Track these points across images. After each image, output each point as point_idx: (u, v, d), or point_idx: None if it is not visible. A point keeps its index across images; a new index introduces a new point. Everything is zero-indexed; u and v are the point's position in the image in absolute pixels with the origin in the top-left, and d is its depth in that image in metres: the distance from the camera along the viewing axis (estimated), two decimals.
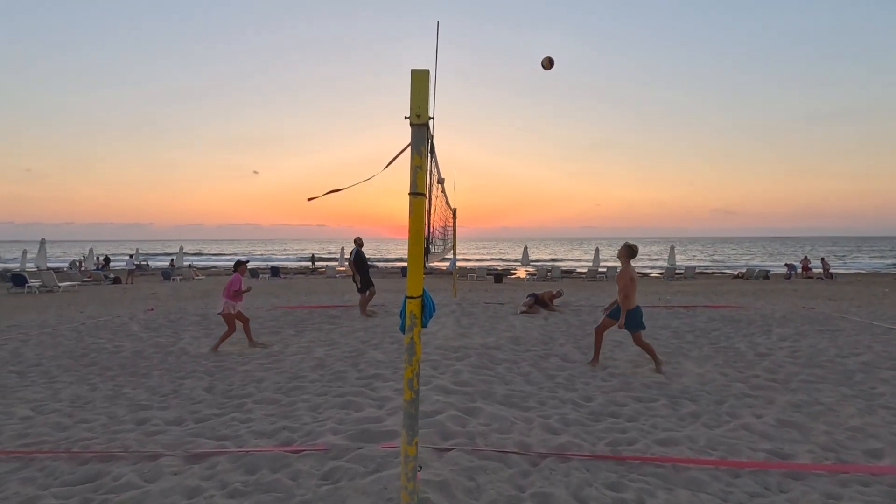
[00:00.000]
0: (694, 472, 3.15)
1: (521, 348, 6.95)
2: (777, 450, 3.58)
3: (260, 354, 6.81)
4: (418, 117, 2.45)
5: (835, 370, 5.87)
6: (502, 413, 4.16)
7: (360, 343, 7.36)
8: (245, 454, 3.35)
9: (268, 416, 4.29)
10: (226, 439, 3.74)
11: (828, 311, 10.71)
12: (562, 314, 10.17)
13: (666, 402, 4.67)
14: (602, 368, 5.94)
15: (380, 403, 4.47)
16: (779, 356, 6.53)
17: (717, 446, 3.60)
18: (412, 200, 2.46)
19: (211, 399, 4.91)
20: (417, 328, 2.48)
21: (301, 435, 3.76)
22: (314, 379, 5.49)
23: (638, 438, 3.71)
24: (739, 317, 9.78)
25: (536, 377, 5.48)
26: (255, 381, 5.51)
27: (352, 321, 9.46)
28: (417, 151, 2.46)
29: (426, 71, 2.46)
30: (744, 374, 5.74)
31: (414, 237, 2.47)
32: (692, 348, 7.04)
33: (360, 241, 9.95)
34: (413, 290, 2.48)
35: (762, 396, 4.90)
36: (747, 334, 8.07)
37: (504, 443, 3.53)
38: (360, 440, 3.56)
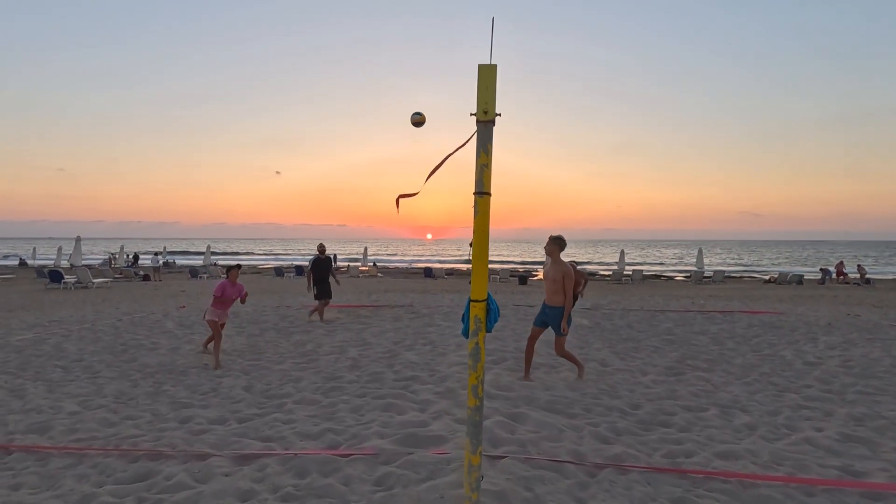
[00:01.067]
0: (762, 489, 2.98)
1: None
2: (847, 466, 3.38)
3: (295, 353, 6.81)
4: (485, 114, 2.36)
5: (893, 382, 5.58)
6: (549, 420, 4.04)
7: (393, 344, 7.31)
8: (294, 457, 3.31)
9: (310, 416, 4.26)
10: (271, 440, 3.71)
11: (875, 318, 10.25)
12: (593, 314, 9.96)
13: (717, 413, 4.48)
14: (643, 375, 5.76)
15: (422, 407, 4.40)
16: (830, 366, 6.24)
17: (783, 461, 3.42)
18: (478, 200, 2.37)
19: (251, 398, 4.90)
20: (482, 333, 2.39)
21: (346, 437, 3.71)
22: (351, 380, 5.45)
23: (695, 451, 3.55)
24: (781, 323, 9.43)
25: (577, 382, 5.34)
26: (292, 380, 5.50)
27: (381, 321, 9.44)
28: (484, 149, 2.37)
29: (494, 66, 2.37)
30: (795, 384, 5.49)
31: (479, 238, 2.38)
32: (735, 355, 6.79)
33: (321, 248, 9.59)
34: (478, 294, 2.39)
35: (819, 408, 4.67)
36: (791, 342, 7.76)
37: (556, 451, 3.41)
38: (409, 445, 3.48)
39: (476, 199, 2.38)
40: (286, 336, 8.10)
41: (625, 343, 7.55)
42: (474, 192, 2.39)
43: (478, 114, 2.37)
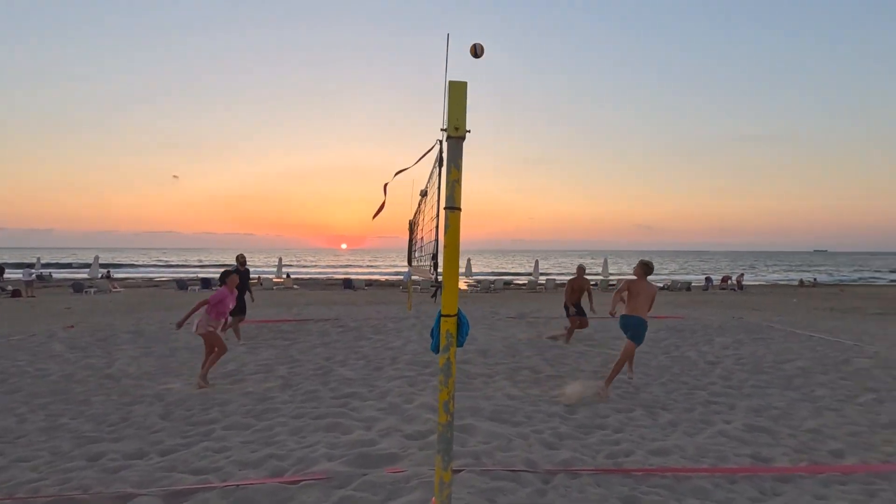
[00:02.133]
0: (695, 480, 3.27)
1: (491, 361, 6.96)
2: (757, 454, 3.81)
3: (215, 374, 6.28)
4: (456, 130, 2.38)
5: (777, 375, 6.40)
6: (497, 430, 4.11)
7: (324, 360, 7.02)
8: (236, 488, 3.04)
9: (245, 443, 3.95)
10: (205, 472, 3.38)
11: (756, 320, 11.73)
12: (518, 322, 10.31)
13: (643, 412, 4.84)
14: (574, 380, 6.07)
15: (367, 424, 4.27)
16: (727, 364, 7.02)
17: (706, 454, 3.78)
18: (449, 215, 2.37)
19: (171, 427, 4.44)
20: (454, 348, 2.38)
21: (291, 462, 3.49)
22: (285, 400, 5.15)
23: (632, 450, 3.81)
24: (682, 326, 10.44)
25: (514, 391, 5.49)
26: (217, 403, 5.06)
27: (307, 336, 9.03)
28: (455, 165, 2.39)
29: (464, 83, 2.40)
30: (701, 381, 6.10)
31: (451, 253, 2.38)
32: (650, 358, 7.39)
33: (241, 260, 8.85)
34: (448, 308, 2.38)
35: (724, 403, 5.22)
36: (693, 343, 8.61)
37: (510, 461, 3.48)
38: (361, 466, 3.36)
39: (447, 215, 2.38)
40: (202, 356, 7.43)
41: (552, 350, 7.91)
42: (445, 207, 2.39)
43: (448, 129, 2.38)
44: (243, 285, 8.68)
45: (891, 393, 5.59)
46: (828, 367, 6.80)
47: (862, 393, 5.61)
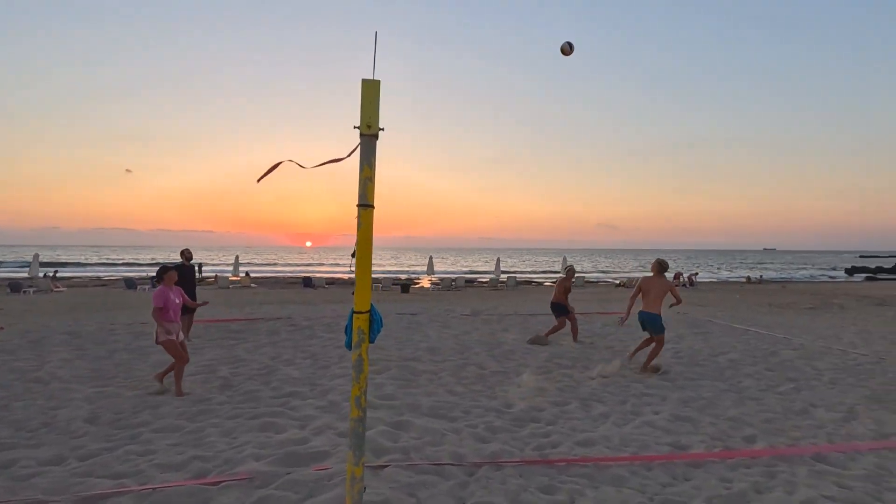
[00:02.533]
0: (614, 469, 3.41)
1: (439, 358, 7.02)
2: (677, 442, 4.01)
3: (151, 375, 6.07)
4: (369, 128, 2.40)
5: (710, 368, 6.73)
6: (432, 425, 4.16)
7: (270, 360, 6.91)
8: (152, 492, 2.97)
9: (172, 445, 3.85)
10: (124, 476, 3.28)
11: (698, 315, 12.26)
12: (473, 320, 10.42)
13: (578, 405, 5.00)
14: (517, 375, 6.20)
15: (302, 423, 4.24)
16: (665, 357, 7.32)
17: (630, 443, 3.94)
18: (361, 212, 2.40)
19: (96, 431, 4.27)
20: (366, 344, 2.41)
21: (217, 464, 3.42)
22: (222, 401, 5.04)
23: (561, 441, 3.93)
24: (629, 322, 10.78)
25: (458, 387, 5.56)
26: (150, 406, 4.90)
27: (256, 335, 8.85)
28: (368, 163, 2.41)
29: (377, 81, 2.43)
30: (639, 375, 6.34)
31: (363, 250, 2.40)
32: (593, 352, 7.63)
33: (187, 255, 8.51)
34: (361, 305, 2.40)
35: (657, 395, 5.46)
36: (636, 338, 8.92)
37: (439, 455, 3.53)
38: (287, 464, 3.34)
39: (359, 211, 2.40)
40: (142, 357, 7.19)
41: (501, 347, 8.04)
42: (357, 205, 2.41)
43: (361, 127, 2.40)
44: (191, 281, 8.40)
45: (808, 382, 5.98)
46: (756, 359, 7.19)
47: (783, 382, 5.97)
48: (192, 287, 8.40)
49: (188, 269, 8.43)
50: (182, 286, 8.27)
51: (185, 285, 8.30)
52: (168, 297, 5.49)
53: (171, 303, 5.50)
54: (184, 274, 8.32)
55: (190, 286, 8.34)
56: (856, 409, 4.94)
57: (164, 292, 5.52)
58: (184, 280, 8.31)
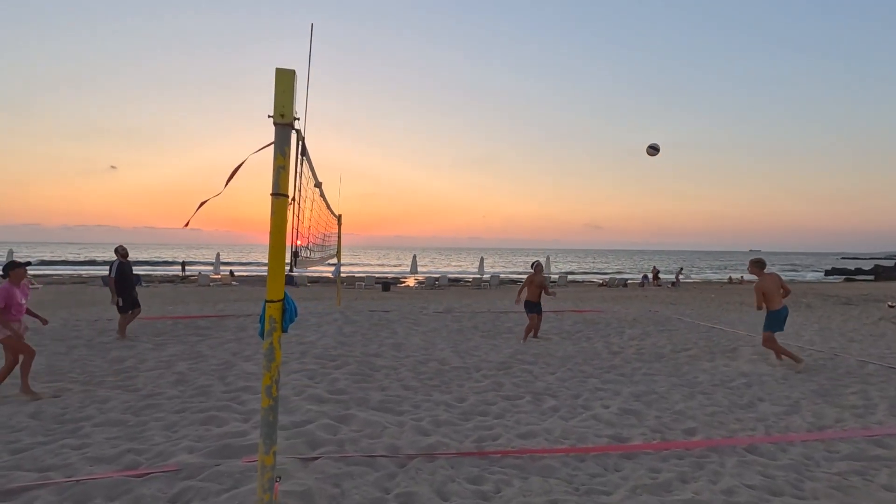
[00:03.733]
0: (547, 460, 3.45)
1: (402, 354, 7.02)
2: (617, 434, 4.06)
3: (109, 372, 6.00)
4: (282, 117, 2.40)
5: (669, 364, 6.82)
6: (375, 418, 4.16)
7: (231, 355, 6.86)
8: (75, 484, 2.94)
9: (109, 439, 3.81)
10: (51, 469, 3.24)
11: (668, 313, 12.42)
12: (444, 317, 10.44)
13: (530, 399, 5.05)
14: (477, 370, 6.23)
15: (246, 417, 4.22)
16: (627, 354, 7.41)
17: (570, 435, 3.99)
18: (274, 202, 2.40)
19: (36, 426, 4.21)
20: (278, 333, 2.41)
21: (150, 457, 3.40)
22: (172, 395, 4.99)
23: (501, 434, 3.96)
24: (599, 319, 10.91)
25: (413, 382, 5.58)
26: (98, 401, 4.84)
27: (222, 332, 8.78)
28: (280, 152, 2.41)
29: (292, 71, 2.43)
30: (598, 370, 6.42)
31: (275, 239, 2.40)
32: (557, 349, 7.69)
33: (123, 251, 8.29)
34: (273, 294, 2.40)
35: (611, 389, 5.52)
36: (604, 335, 9.03)
37: (374, 447, 3.54)
38: (219, 457, 3.32)
39: (272, 201, 2.40)
40: (101, 353, 7.09)
41: (467, 343, 8.07)
42: (271, 194, 2.41)
43: (275, 116, 2.40)
44: (129, 279, 8.23)
45: (760, 377, 6.08)
46: (714, 355, 7.31)
47: (736, 377, 6.07)
48: (132, 284, 8.22)
49: (126, 266, 8.25)
50: (122, 283, 8.06)
51: (125, 282, 8.11)
52: (11, 295, 5.23)
53: (13, 301, 5.24)
54: (123, 270, 8.14)
55: (129, 283, 8.16)
56: (800, 403, 5.04)
57: (9, 290, 5.24)
58: (123, 277, 8.12)
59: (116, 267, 8.04)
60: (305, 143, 2.98)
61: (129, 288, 8.08)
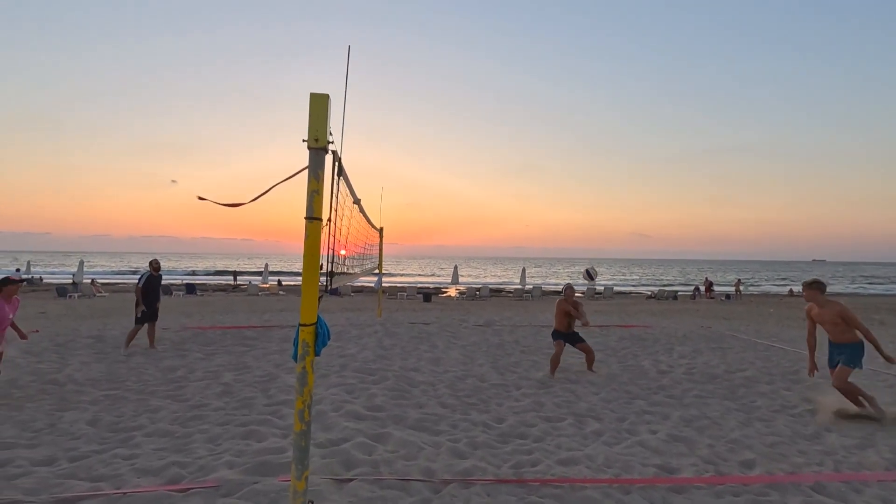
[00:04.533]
0: (589, 490, 3.27)
1: (441, 370, 6.96)
2: (665, 464, 3.82)
3: (161, 380, 6.27)
4: (316, 141, 2.42)
5: (723, 385, 6.41)
6: (411, 438, 4.11)
7: (274, 367, 7.02)
8: (122, 496, 3.04)
9: (157, 450, 3.94)
10: (102, 480, 3.38)
11: (722, 329, 11.75)
12: (484, 330, 10.31)
13: (572, 422, 4.85)
14: (517, 388, 6.07)
15: (284, 432, 4.26)
16: (677, 373, 7.03)
17: (613, 464, 3.78)
18: (308, 225, 2.41)
19: (93, 433, 4.43)
20: (310, 357, 2.41)
21: (192, 470, 3.48)
22: (218, 407, 5.14)
23: (541, 459, 3.81)
24: (647, 336, 10.46)
25: (451, 400, 5.49)
26: (149, 410, 5.06)
27: (267, 342, 9.03)
28: (315, 176, 2.42)
29: (325, 95, 2.45)
30: (645, 391, 6.11)
31: (309, 263, 2.41)
32: (601, 367, 7.40)
33: (156, 266, 8.59)
34: (306, 318, 2.41)
35: (659, 412, 5.23)
36: (652, 352, 8.63)
37: (409, 470, 3.48)
38: (257, 474, 3.36)
39: (306, 224, 2.41)
40: (155, 361, 7.44)
41: (507, 358, 7.92)
42: (305, 217, 2.42)
43: (309, 141, 2.42)
44: (155, 291, 8.57)
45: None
46: (774, 378, 6.81)
47: (799, 404, 5.62)
48: (156, 297, 8.49)
49: (156, 279, 8.59)
50: (149, 295, 8.38)
51: (150, 294, 8.43)
52: None
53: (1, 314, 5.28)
54: (151, 283, 8.47)
55: (154, 296, 8.43)
56: (874, 436, 4.59)
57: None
58: (151, 289, 8.44)
59: (146, 278, 8.40)
60: (342, 163, 3.00)
61: (152, 300, 8.38)
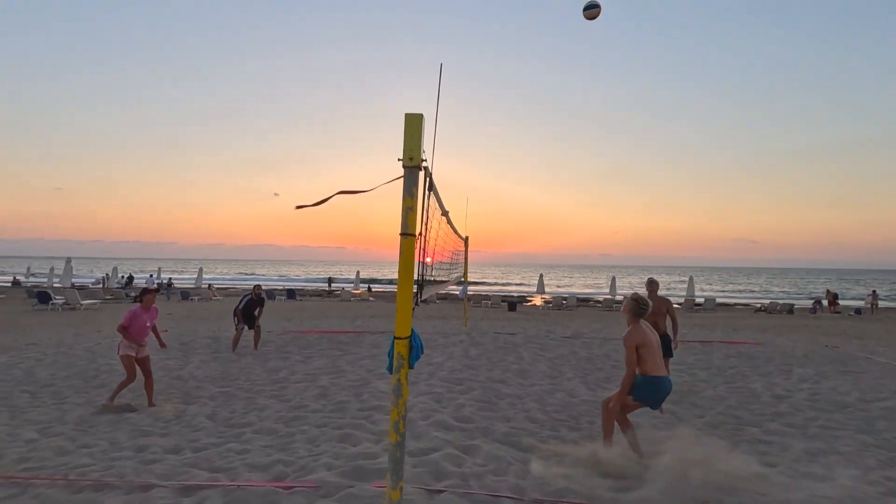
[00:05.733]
0: None
1: (528, 382, 6.83)
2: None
3: (267, 381, 6.82)
4: (411, 160, 2.49)
5: (856, 416, 5.60)
6: (500, 452, 4.06)
7: (366, 372, 7.33)
8: (236, 489, 3.33)
9: (265, 447, 4.27)
10: (219, 471, 3.72)
11: (852, 350, 10.30)
12: (572, 343, 9.96)
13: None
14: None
15: (377, 438, 4.42)
16: (797, 399, 6.27)
17: None
18: (402, 241, 2.48)
19: (212, 427, 4.91)
20: (405, 370, 2.47)
21: (295, 469, 3.72)
22: (316, 409, 5.47)
23: (638, 485, 3.57)
24: (758, 354, 9.47)
25: (539, 415, 5.36)
26: (257, 408, 5.51)
27: (359, 348, 9.45)
28: (409, 193, 2.50)
29: (420, 115, 2.52)
30: (758, 417, 5.51)
31: (403, 277, 2.48)
32: (705, 387, 6.82)
33: (257, 291, 9.34)
34: (401, 331, 2.47)
35: (777, 443, 4.69)
36: (765, 373, 7.79)
37: (498, 486, 3.43)
38: (353, 477, 3.51)
39: (401, 240, 2.49)
40: (262, 362, 8.11)
41: (598, 373, 7.57)
42: (400, 234, 2.50)
43: (403, 160, 2.50)
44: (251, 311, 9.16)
45: None
46: None
47: None
48: (252, 317, 9.18)
49: (254, 302, 9.25)
50: (247, 312, 9.08)
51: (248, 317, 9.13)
52: (135, 318, 5.59)
53: (135, 324, 5.58)
54: (249, 306, 9.19)
55: (249, 315, 9.14)
56: None
57: (135, 313, 5.63)
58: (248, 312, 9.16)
59: (246, 302, 9.24)
60: (433, 178, 3.07)
61: (249, 318, 9.16)
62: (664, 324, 6.02)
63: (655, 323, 5.95)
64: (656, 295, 5.98)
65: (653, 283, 6.12)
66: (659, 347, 4.24)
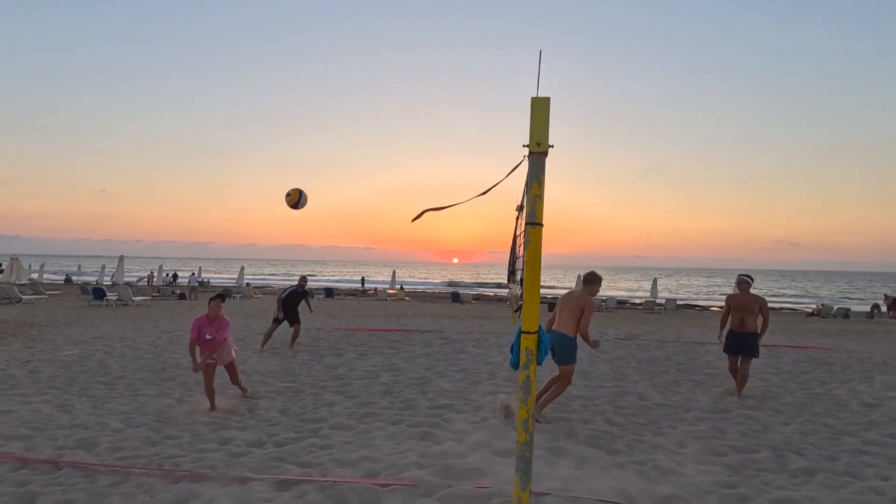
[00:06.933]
0: None
1: (594, 384, 6.62)
2: None
3: (327, 377, 6.83)
4: (538, 145, 2.38)
5: None
6: (590, 455, 3.90)
7: (425, 370, 7.26)
8: (333, 484, 3.28)
9: (346, 443, 4.24)
10: (309, 466, 3.70)
11: None
12: (627, 344, 9.65)
13: (770, 455, 4.24)
14: (686, 411, 5.52)
15: (458, 437, 4.32)
16: (890, 407, 5.86)
17: None
18: (530, 231, 2.37)
19: (287, 422, 4.92)
20: (534, 365, 2.35)
21: (384, 466, 3.66)
22: (385, 406, 5.42)
23: (751, 496, 3.35)
24: (830, 360, 8.95)
25: (616, 417, 5.16)
26: (326, 404, 5.50)
27: (411, 346, 9.40)
28: (537, 180, 2.38)
29: (547, 98, 2.40)
30: (852, 426, 5.16)
31: (531, 269, 2.36)
32: (783, 393, 6.46)
33: (302, 283, 9.24)
34: (529, 325, 2.36)
35: (881, 454, 4.36)
36: (845, 380, 7.33)
37: (600, 489, 3.28)
38: (448, 477, 3.41)
39: (529, 230, 2.37)
40: (318, 359, 8.15)
41: (664, 376, 7.29)
42: (526, 223, 2.38)
43: (530, 145, 2.39)
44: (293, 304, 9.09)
45: None
46: None
47: None
48: (295, 311, 9.12)
49: (297, 295, 9.20)
50: (288, 307, 8.99)
51: (289, 305, 9.05)
52: (200, 329, 5.13)
53: (200, 335, 5.16)
54: (292, 297, 9.12)
55: (292, 307, 9.07)
56: None
57: (200, 323, 5.13)
58: (290, 302, 9.06)
59: (290, 292, 9.22)
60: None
61: (291, 310, 9.11)
62: (754, 322, 5.90)
63: (743, 320, 5.94)
64: (748, 293, 5.85)
65: (745, 282, 5.96)
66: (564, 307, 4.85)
